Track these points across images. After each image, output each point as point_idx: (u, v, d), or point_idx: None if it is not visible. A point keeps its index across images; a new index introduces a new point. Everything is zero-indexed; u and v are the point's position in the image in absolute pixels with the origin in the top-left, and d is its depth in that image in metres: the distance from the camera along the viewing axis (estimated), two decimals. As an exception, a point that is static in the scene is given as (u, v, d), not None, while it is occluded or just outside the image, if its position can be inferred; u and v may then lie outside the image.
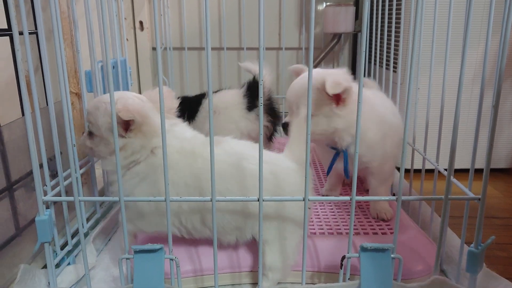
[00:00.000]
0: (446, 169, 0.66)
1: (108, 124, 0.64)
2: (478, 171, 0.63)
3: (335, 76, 0.72)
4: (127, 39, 1.43)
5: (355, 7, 1.41)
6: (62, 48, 0.67)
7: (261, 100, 0.56)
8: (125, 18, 1.23)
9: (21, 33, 0.60)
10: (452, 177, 0.70)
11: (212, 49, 1.50)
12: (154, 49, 1.54)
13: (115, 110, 0.57)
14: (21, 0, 0.58)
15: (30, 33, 0.66)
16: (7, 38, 0.71)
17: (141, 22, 1.47)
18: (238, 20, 1.52)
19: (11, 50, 0.72)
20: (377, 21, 1.23)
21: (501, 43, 0.56)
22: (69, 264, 0.77)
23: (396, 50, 1.25)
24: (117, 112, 0.60)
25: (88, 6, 0.81)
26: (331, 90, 0.70)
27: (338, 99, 0.74)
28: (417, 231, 0.81)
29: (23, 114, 0.77)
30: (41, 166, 0.66)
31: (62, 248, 0.76)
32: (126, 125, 0.65)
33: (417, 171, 0.88)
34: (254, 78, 1.10)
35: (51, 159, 0.78)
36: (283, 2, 1.50)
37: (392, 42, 1.25)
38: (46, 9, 0.75)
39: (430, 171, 0.84)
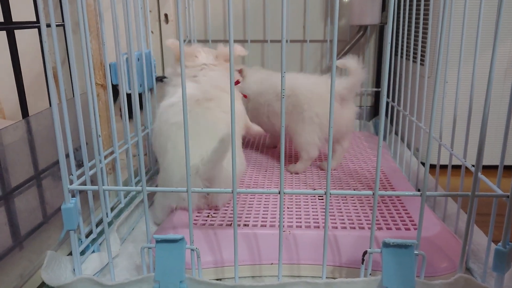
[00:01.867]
0: (473, 165, 0.64)
1: None
2: (508, 168, 0.61)
3: None
4: (152, 32, 1.45)
5: (381, -2, 1.38)
6: (88, 41, 0.69)
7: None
8: (150, 11, 1.24)
9: (48, 26, 0.62)
10: (480, 173, 0.68)
11: (236, 41, 1.50)
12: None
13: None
14: (48, -8, 0.59)
15: (57, 25, 0.67)
16: (36, 31, 0.73)
17: (166, 15, 1.48)
18: (262, 12, 1.51)
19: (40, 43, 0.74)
20: (404, 12, 1.20)
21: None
22: (93, 251, 0.79)
23: (424, 42, 1.21)
24: None
25: (114, -1, 0.83)
26: None
27: None
28: (442, 227, 0.79)
29: (50, 105, 0.79)
30: (67, 156, 0.67)
31: (87, 236, 0.77)
32: None
33: (443, 167, 0.86)
34: None
35: (77, 150, 0.80)
36: (308, -6, 1.48)
37: (420, 34, 1.22)
38: (72, 3, 0.77)
39: (456, 167, 0.82)
